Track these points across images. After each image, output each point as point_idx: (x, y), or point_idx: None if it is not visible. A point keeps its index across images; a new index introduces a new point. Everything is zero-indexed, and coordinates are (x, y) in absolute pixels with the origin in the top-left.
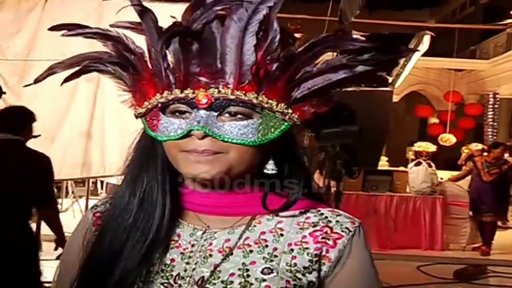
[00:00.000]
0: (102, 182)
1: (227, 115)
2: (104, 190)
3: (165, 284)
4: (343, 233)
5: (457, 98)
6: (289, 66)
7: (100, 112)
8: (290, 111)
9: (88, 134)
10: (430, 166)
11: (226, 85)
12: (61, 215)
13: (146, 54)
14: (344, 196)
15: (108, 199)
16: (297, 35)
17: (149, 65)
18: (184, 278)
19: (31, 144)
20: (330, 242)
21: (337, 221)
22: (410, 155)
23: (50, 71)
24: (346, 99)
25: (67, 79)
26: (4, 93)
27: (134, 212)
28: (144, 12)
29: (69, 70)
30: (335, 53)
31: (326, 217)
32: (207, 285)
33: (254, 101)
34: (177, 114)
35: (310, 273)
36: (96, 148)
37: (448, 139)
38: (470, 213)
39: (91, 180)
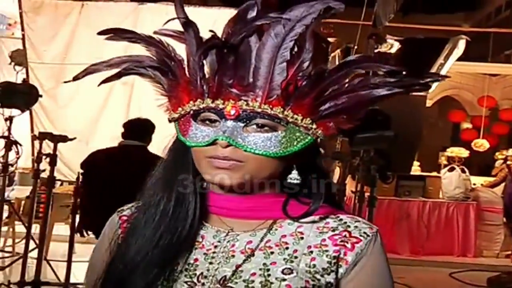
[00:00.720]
0: None
1: (253, 126)
2: None
3: (189, 283)
4: (361, 238)
5: (491, 103)
6: (318, 83)
7: (134, 116)
8: (314, 126)
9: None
10: (463, 171)
11: (255, 98)
12: None
13: (185, 62)
14: (377, 202)
15: (134, 203)
16: (330, 39)
17: (187, 73)
18: (207, 277)
19: (66, 146)
20: (349, 245)
21: (355, 226)
22: (443, 160)
23: (91, 70)
24: (379, 103)
25: (106, 80)
26: (41, 96)
27: (167, 213)
28: (188, 24)
29: (107, 71)
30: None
31: (345, 223)
32: (229, 284)
33: (280, 115)
34: (207, 122)
35: (329, 274)
36: None
37: (482, 144)
38: (504, 219)
39: None
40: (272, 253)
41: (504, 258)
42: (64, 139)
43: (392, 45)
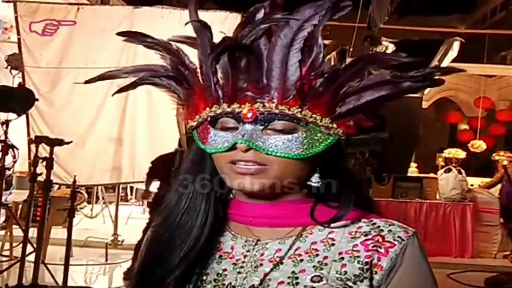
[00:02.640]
0: (132, 188)
1: (273, 128)
2: (134, 196)
3: None
4: (395, 242)
5: (487, 104)
6: (333, 81)
7: (130, 118)
8: (334, 125)
9: (118, 140)
10: (460, 172)
11: (271, 99)
12: (91, 221)
13: (198, 69)
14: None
15: (161, 211)
16: (326, 41)
17: (201, 80)
18: (235, 287)
19: (63, 150)
20: (382, 250)
21: (389, 230)
22: (440, 162)
23: (106, 76)
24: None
25: (121, 90)
26: (37, 100)
27: (178, 219)
28: (202, 28)
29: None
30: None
31: (379, 226)
32: None
33: (298, 115)
34: (225, 128)
35: (362, 281)
36: (126, 155)
37: (480, 145)
38: (501, 220)
39: (121, 186)
40: (301, 260)
41: (501, 258)
42: (60, 142)
43: (387, 47)
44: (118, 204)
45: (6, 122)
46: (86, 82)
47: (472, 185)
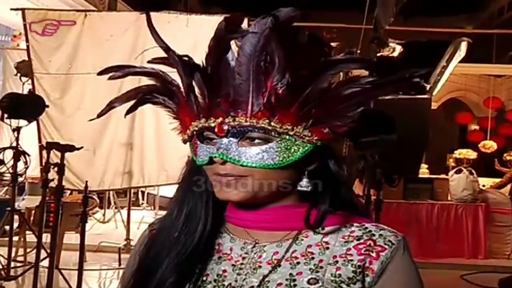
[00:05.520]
0: (143, 193)
1: (248, 140)
2: (145, 201)
3: None
4: (386, 246)
5: (497, 104)
6: (300, 90)
7: (139, 123)
8: (308, 133)
9: (129, 144)
10: (471, 173)
11: (241, 113)
12: (103, 226)
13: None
14: (385, 205)
15: (162, 217)
16: (333, 44)
17: (185, 95)
18: None
19: (74, 155)
20: (374, 254)
21: (380, 235)
22: (451, 163)
23: (111, 106)
24: (384, 107)
25: (128, 112)
26: (47, 106)
27: (179, 227)
28: (167, 51)
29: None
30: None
31: (370, 231)
32: None
33: (268, 127)
34: (208, 141)
35: (355, 283)
36: (136, 159)
37: (491, 146)
38: None
39: (132, 191)
40: (298, 263)
41: None
42: (71, 148)
43: (394, 49)
44: (130, 209)
45: (17, 129)
46: (98, 116)
47: (483, 185)
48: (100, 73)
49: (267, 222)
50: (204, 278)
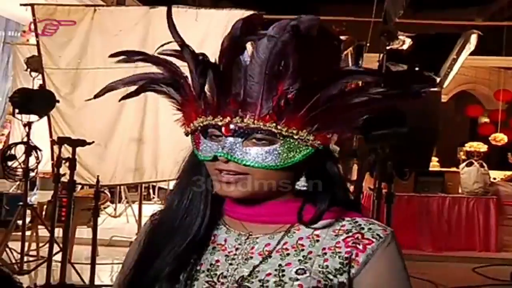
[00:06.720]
0: (154, 187)
1: (253, 140)
2: (156, 195)
3: (210, 282)
4: (373, 239)
5: (507, 96)
6: (310, 96)
7: (152, 118)
8: (311, 138)
9: (140, 139)
10: (482, 166)
11: (249, 115)
12: (115, 220)
13: (189, 79)
14: (396, 198)
15: (163, 208)
16: (342, 37)
17: (192, 89)
18: (226, 277)
19: (85, 150)
20: (360, 247)
21: (369, 229)
22: (462, 156)
23: (109, 88)
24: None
25: (125, 97)
26: (58, 101)
27: (179, 219)
28: (183, 46)
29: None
30: None
31: (360, 225)
32: (246, 283)
33: (274, 130)
34: (213, 137)
35: (341, 274)
36: (148, 154)
37: (502, 138)
38: None
39: (143, 186)
40: (288, 254)
41: None
42: (82, 143)
43: (404, 42)
44: (141, 203)
45: (28, 124)
46: (95, 96)
47: (494, 178)
48: (111, 56)
49: (261, 215)
50: (198, 268)
